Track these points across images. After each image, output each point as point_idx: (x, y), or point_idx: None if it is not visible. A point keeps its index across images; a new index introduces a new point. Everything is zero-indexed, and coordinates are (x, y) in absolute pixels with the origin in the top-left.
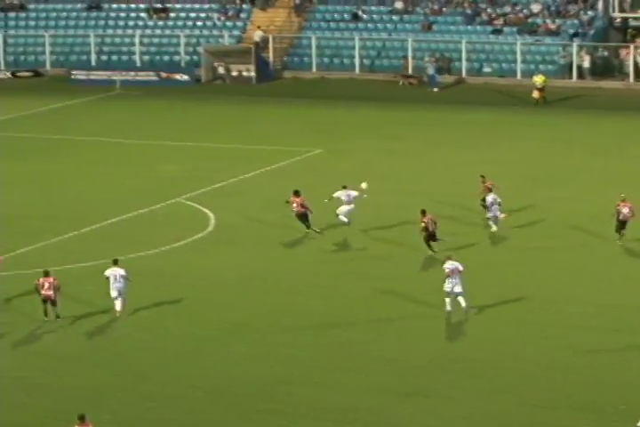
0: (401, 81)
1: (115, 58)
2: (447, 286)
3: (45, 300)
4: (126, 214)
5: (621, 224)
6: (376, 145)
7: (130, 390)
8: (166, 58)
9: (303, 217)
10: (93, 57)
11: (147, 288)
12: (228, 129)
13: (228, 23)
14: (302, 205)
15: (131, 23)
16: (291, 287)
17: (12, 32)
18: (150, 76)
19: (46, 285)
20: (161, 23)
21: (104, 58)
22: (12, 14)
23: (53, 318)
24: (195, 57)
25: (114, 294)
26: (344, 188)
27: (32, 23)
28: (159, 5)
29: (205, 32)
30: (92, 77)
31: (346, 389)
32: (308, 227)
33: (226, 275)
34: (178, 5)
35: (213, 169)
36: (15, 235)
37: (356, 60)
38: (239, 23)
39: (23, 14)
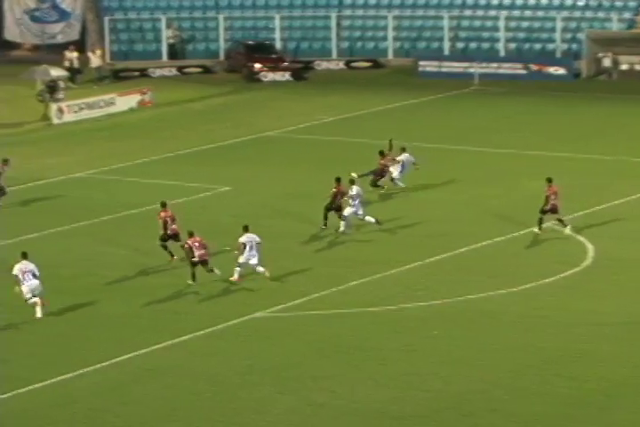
0: None
1: (473, 46)
2: None
3: (198, 262)
4: (481, 242)
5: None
6: None
7: None
8: (537, 46)
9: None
10: (447, 44)
11: (504, 334)
12: (610, 137)
13: (618, 3)
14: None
15: (494, 2)
16: None
17: (347, 12)
18: (517, 68)
19: (197, 244)
20: (532, 2)
21: (460, 45)
22: None
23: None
24: (574, 46)
25: (253, 261)
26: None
27: (372, 1)
28: None
29: (588, 14)
30: (444, 70)
31: None
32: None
33: (608, 320)
34: None
35: (591, 187)
36: (344, 265)
37: None
38: (632, 3)
39: None
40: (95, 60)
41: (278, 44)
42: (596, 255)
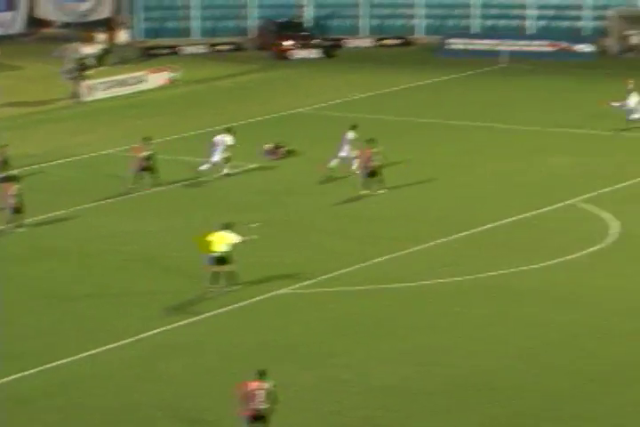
0: None
1: (502, 23)
2: None
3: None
4: (505, 219)
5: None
6: None
7: None
8: (565, 24)
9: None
10: (476, 22)
11: (527, 310)
12: None
13: None
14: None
15: None
16: None
17: None
18: (543, 46)
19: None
20: None
21: (489, 23)
22: None
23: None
24: (601, 23)
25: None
26: None
27: None
28: None
29: None
30: (471, 48)
31: None
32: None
33: (631, 297)
34: None
35: (618, 164)
36: (371, 242)
37: None
38: None
39: None
40: (124, 37)
41: (308, 22)
42: (621, 233)
